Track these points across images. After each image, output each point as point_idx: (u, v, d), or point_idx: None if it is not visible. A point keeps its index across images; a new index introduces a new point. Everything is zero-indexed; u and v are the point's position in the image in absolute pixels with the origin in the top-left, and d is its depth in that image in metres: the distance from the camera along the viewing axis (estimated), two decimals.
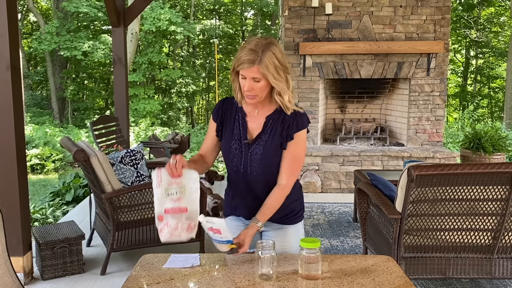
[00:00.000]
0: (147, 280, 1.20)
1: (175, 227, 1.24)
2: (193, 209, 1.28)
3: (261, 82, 1.30)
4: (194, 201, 1.28)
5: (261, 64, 1.27)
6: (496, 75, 14.54)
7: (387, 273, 1.23)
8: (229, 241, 1.30)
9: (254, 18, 16.55)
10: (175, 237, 1.25)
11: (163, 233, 1.25)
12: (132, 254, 2.80)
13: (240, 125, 1.42)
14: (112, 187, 2.51)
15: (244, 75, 1.30)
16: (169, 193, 1.26)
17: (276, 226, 1.47)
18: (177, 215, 1.25)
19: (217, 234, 1.29)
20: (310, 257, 1.18)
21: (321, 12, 4.69)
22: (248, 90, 1.31)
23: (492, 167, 1.94)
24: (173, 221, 1.25)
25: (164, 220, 1.25)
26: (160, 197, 1.26)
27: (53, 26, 12.21)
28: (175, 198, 1.26)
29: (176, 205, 1.26)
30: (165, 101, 14.64)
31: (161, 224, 1.25)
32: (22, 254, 2.43)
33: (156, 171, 1.27)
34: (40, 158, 7.19)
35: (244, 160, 1.40)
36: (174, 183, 1.26)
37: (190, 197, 1.27)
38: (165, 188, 1.26)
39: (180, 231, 1.25)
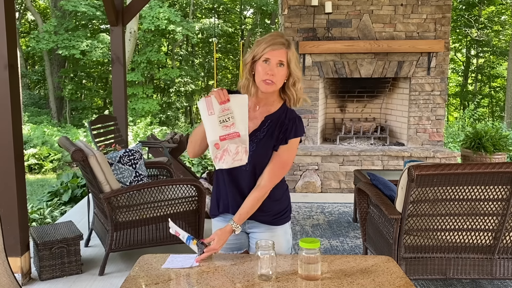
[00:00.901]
0: (145, 280, 1.19)
1: (235, 151, 1.27)
2: (245, 133, 1.30)
3: (283, 68, 1.35)
4: (245, 125, 1.30)
5: (290, 49, 1.35)
6: (497, 74, 14.53)
7: (387, 274, 1.22)
8: (189, 237, 1.36)
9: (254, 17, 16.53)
10: (237, 162, 1.28)
11: (224, 160, 1.27)
12: (131, 254, 2.79)
13: None
14: (110, 187, 2.50)
15: (270, 58, 1.34)
16: (223, 120, 1.28)
17: (264, 227, 1.46)
18: (235, 140, 1.28)
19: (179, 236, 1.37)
20: (309, 257, 1.18)
21: (321, 10, 4.67)
22: (270, 73, 1.34)
23: (493, 167, 1.93)
24: (232, 146, 1.27)
25: (222, 147, 1.27)
26: (214, 125, 1.28)
27: (51, 25, 12.17)
28: (229, 124, 1.28)
29: (232, 130, 1.28)
30: (164, 100, 14.63)
31: (219, 151, 1.27)
32: (20, 255, 2.42)
33: (205, 99, 1.28)
34: (38, 157, 7.17)
35: None
36: (225, 109, 1.28)
37: (242, 121, 1.29)
38: (218, 116, 1.28)
39: (241, 155, 1.28)
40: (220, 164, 1.27)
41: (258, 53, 1.35)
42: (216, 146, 1.27)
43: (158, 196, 2.65)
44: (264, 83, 1.35)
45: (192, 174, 4.52)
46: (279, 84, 1.37)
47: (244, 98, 1.31)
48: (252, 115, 1.41)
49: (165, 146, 4.35)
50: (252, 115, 1.41)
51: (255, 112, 1.42)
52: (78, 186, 4.47)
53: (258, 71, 1.36)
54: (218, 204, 1.49)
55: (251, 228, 1.48)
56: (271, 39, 1.35)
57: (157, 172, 3.26)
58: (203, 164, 6.54)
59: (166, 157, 4.24)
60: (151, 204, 2.60)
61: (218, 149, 1.27)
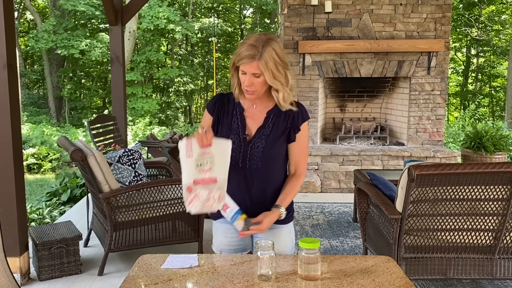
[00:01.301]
0: (145, 280, 1.19)
1: (207, 198, 1.23)
2: (223, 179, 1.27)
3: (260, 78, 1.32)
4: (224, 171, 1.27)
5: (261, 60, 1.28)
6: (497, 74, 14.52)
7: (387, 274, 1.22)
8: (238, 211, 1.31)
9: (253, 16, 16.52)
10: (206, 208, 1.24)
11: (193, 204, 1.23)
12: (130, 254, 2.78)
13: (238, 119, 1.41)
14: (109, 187, 2.49)
15: (244, 70, 1.32)
16: (200, 164, 1.24)
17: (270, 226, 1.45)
18: (208, 186, 1.24)
19: (228, 210, 1.30)
20: (309, 257, 1.17)
21: (321, 10, 4.66)
22: (248, 85, 1.32)
23: (493, 167, 1.93)
24: (204, 192, 1.24)
25: (194, 191, 1.24)
26: (190, 167, 1.24)
27: (50, 24, 12.15)
28: (206, 168, 1.25)
29: (208, 175, 1.24)
30: (163, 100, 14.61)
31: (191, 195, 1.24)
32: (19, 255, 2.41)
33: (186, 141, 1.25)
34: (37, 157, 7.15)
35: (243, 154, 1.39)
36: (205, 153, 1.24)
37: (221, 167, 1.26)
38: (196, 159, 1.24)
39: (212, 202, 1.25)
40: (189, 207, 1.24)
41: (236, 61, 1.34)
42: (188, 190, 1.24)
43: (157, 196, 2.64)
44: (246, 92, 1.36)
45: None
46: (261, 91, 1.36)
47: (228, 143, 1.28)
48: (252, 114, 1.41)
49: (164, 146, 4.34)
50: (252, 113, 1.41)
51: (254, 110, 1.42)
52: (77, 186, 4.46)
53: (240, 79, 1.36)
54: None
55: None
56: (242, 51, 1.30)
57: (157, 172, 3.25)
58: None
59: (165, 157, 4.23)
60: (150, 204, 2.59)
61: (190, 192, 1.24)
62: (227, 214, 1.34)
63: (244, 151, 1.39)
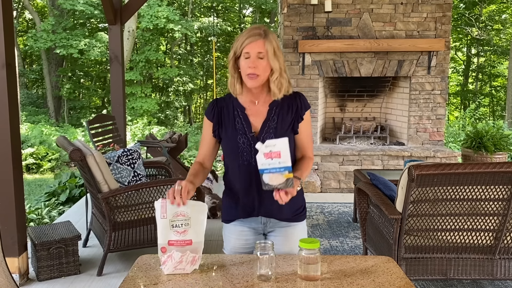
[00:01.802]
0: (144, 281, 1.18)
1: (179, 260, 1.22)
2: (198, 241, 1.25)
3: (264, 60, 1.34)
4: (200, 234, 1.25)
5: (266, 38, 1.34)
6: (498, 74, 14.51)
7: (387, 274, 1.21)
8: (288, 167, 1.23)
9: (253, 15, 16.50)
10: (179, 270, 1.23)
11: (166, 265, 1.23)
12: (129, 254, 2.77)
13: (242, 119, 1.41)
14: (108, 187, 2.48)
15: (249, 51, 1.34)
16: (174, 225, 1.24)
17: (284, 225, 1.45)
18: (182, 248, 1.23)
19: (275, 159, 1.23)
20: (309, 257, 1.17)
21: (321, 9, 4.65)
22: (252, 66, 1.33)
23: (493, 167, 1.92)
24: (177, 254, 1.22)
25: (168, 252, 1.23)
26: (164, 228, 1.24)
27: (49, 23, 12.12)
28: (180, 230, 1.24)
29: (181, 237, 1.23)
30: (163, 99, 14.59)
31: (164, 256, 1.23)
32: (18, 255, 2.40)
33: (161, 201, 1.24)
34: (36, 157, 7.14)
35: (254, 152, 1.37)
36: (180, 215, 1.24)
37: (196, 229, 1.25)
38: (170, 220, 1.23)
39: (184, 264, 1.23)
40: (164, 268, 1.23)
41: (237, 48, 1.36)
42: (162, 250, 1.23)
43: (156, 196, 2.64)
44: (248, 77, 1.36)
45: None
46: (263, 77, 1.36)
47: (204, 206, 1.27)
48: (254, 111, 1.41)
49: (163, 146, 4.33)
50: (254, 110, 1.41)
51: (256, 106, 1.42)
52: (76, 186, 4.45)
53: (242, 67, 1.37)
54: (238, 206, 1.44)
55: (271, 228, 1.46)
56: (247, 31, 1.36)
57: (156, 172, 3.25)
58: None
59: (164, 157, 4.22)
60: (149, 204, 2.58)
61: (164, 253, 1.23)
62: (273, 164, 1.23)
63: (255, 150, 1.36)
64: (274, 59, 1.36)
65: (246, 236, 1.45)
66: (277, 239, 1.44)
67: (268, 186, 1.26)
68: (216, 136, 1.45)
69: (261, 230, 1.47)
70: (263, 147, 1.25)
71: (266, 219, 1.44)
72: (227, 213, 1.49)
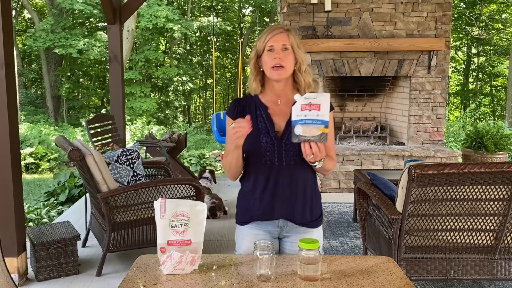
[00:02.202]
0: (143, 281, 1.17)
1: (178, 260, 1.21)
2: (198, 241, 1.25)
3: (289, 51, 1.35)
4: (199, 234, 1.25)
5: (290, 33, 1.37)
6: (498, 73, 14.50)
7: (387, 274, 1.21)
8: (325, 122, 1.19)
9: (252, 15, 16.49)
10: (178, 270, 1.22)
11: (165, 265, 1.22)
12: (128, 255, 2.77)
13: (265, 118, 1.39)
14: (108, 187, 2.47)
15: (273, 44, 1.35)
16: (174, 225, 1.23)
17: (301, 230, 1.42)
18: (181, 248, 1.23)
19: (313, 111, 1.18)
20: (309, 257, 1.16)
21: (320, 9, 4.65)
22: (278, 57, 1.34)
23: (494, 167, 1.91)
24: (176, 254, 1.21)
25: (167, 252, 1.23)
26: (164, 228, 1.23)
27: (48, 23, 12.10)
28: (179, 230, 1.23)
29: (181, 237, 1.23)
30: (162, 99, 14.58)
31: (164, 256, 1.23)
32: (17, 255, 2.40)
33: (160, 201, 1.24)
34: (35, 157, 7.12)
35: (278, 152, 1.36)
36: (179, 215, 1.23)
37: (196, 229, 1.24)
38: (169, 220, 1.23)
39: (184, 265, 1.22)
40: (163, 268, 1.22)
41: (260, 46, 1.36)
42: (161, 250, 1.23)
43: (156, 196, 2.63)
44: (273, 70, 1.35)
45: (191, 173, 4.50)
46: (289, 69, 1.36)
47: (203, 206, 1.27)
48: (277, 110, 1.39)
49: (163, 146, 4.32)
50: (277, 109, 1.39)
51: (279, 106, 1.40)
52: (75, 186, 4.44)
53: (265, 62, 1.36)
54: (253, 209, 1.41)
55: (287, 232, 1.43)
56: (270, 28, 1.38)
57: (155, 171, 3.24)
58: (201, 164, 6.51)
59: (164, 157, 4.21)
60: (149, 204, 2.58)
61: (163, 253, 1.22)
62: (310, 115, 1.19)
63: (278, 149, 1.36)
64: (299, 51, 1.36)
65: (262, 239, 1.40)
66: (294, 245, 1.42)
67: (300, 137, 1.21)
68: None
69: (276, 234, 1.44)
70: (302, 98, 1.22)
71: (284, 222, 1.41)
72: (242, 215, 1.46)
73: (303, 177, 1.39)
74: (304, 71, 1.38)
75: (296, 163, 1.36)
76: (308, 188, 1.41)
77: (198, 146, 9.51)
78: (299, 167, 1.37)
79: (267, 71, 1.36)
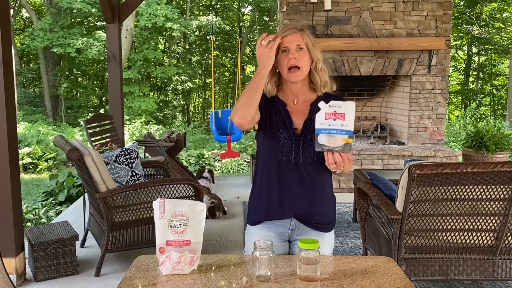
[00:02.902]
0: (142, 281, 1.17)
1: (177, 260, 1.20)
2: (197, 242, 1.24)
3: (304, 51, 1.34)
4: (198, 234, 1.24)
5: (304, 32, 1.35)
6: (499, 72, 14.45)
7: (387, 275, 1.20)
8: (349, 132, 1.18)
9: (252, 14, 16.46)
10: (177, 271, 1.22)
11: (164, 266, 1.21)
12: (127, 255, 2.76)
13: (283, 115, 1.38)
14: (106, 187, 2.46)
15: (287, 45, 1.33)
16: (173, 225, 1.23)
17: (313, 234, 1.40)
18: (180, 248, 1.22)
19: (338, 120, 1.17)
20: (308, 258, 1.15)
21: (320, 8, 4.63)
22: (293, 57, 1.32)
23: (494, 166, 1.90)
24: (175, 254, 1.21)
25: (166, 252, 1.22)
26: (162, 228, 1.23)
27: (46, 22, 12.05)
28: (178, 230, 1.23)
29: (180, 238, 1.22)
30: (161, 98, 14.55)
31: (163, 256, 1.22)
32: (15, 255, 2.39)
33: (159, 201, 1.23)
34: (33, 157, 7.10)
35: (295, 148, 1.36)
36: (178, 215, 1.23)
37: (195, 229, 1.24)
38: (168, 220, 1.22)
39: (183, 265, 1.21)
40: (162, 269, 1.21)
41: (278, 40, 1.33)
42: (160, 250, 1.22)
43: (155, 196, 2.62)
44: (289, 72, 1.33)
45: (189, 173, 4.48)
46: (305, 69, 1.35)
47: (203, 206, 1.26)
48: (295, 109, 1.38)
49: (162, 145, 4.30)
50: (295, 108, 1.38)
51: (295, 105, 1.39)
52: (74, 185, 4.43)
53: (281, 64, 1.34)
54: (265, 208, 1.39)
55: (298, 235, 1.41)
56: (283, 28, 1.37)
57: (154, 171, 3.23)
58: (200, 163, 6.50)
59: (163, 156, 4.20)
60: (147, 204, 2.57)
61: (162, 253, 1.22)
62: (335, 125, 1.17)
63: (296, 146, 1.35)
64: (314, 49, 1.35)
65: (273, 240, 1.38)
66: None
67: (324, 147, 1.21)
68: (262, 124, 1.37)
69: (287, 236, 1.42)
70: (326, 107, 1.20)
71: (296, 223, 1.40)
72: (253, 214, 1.44)
73: (320, 177, 1.37)
74: (320, 69, 1.36)
75: (313, 162, 1.34)
76: (325, 188, 1.39)
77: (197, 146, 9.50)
78: (316, 166, 1.35)
79: (284, 73, 1.35)
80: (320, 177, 1.37)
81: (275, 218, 1.40)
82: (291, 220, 1.39)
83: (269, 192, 1.39)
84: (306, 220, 1.39)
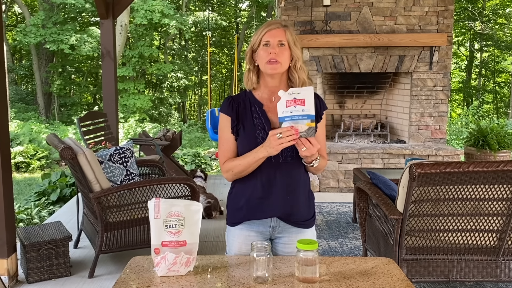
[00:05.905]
0: (137, 283, 1.15)
1: (173, 262, 1.19)
2: (193, 242, 1.23)
3: (285, 48, 1.35)
4: (194, 234, 1.23)
5: (287, 28, 1.37)
6: (502, 69, 14.36)
7: (387, 276, 1.19)
8: (311, 116, 1.22)
9: (249, 9, 16.38)
10: (172, 272, 1.20)
11: (160, 267, 1.20)
12: (122, 256, 2.74)
13: (260, 115, 1.38)
14: (100, 186, 2.44)
15: (269, 39, 1.34)
16: (168, 225, 1.21)
17: (294, 231, 1.41)
18: (176, 249, 1.21)
19: (299, 106, 1.21)
20: (307, 259, 1.14)
21: (319, 3, 4.58)
22: (272, 52, 1.33)
23: (497, 165, 1.89)
24: (171, 255, 1.19)
25: (161, 253, 1.20)
26: (158, 229, 1.21)
27: (39, 18, 11.92)
28: (174, 231, 1.21)
29: (175, 238, 1.21)
30: (156, 96, 14.49)
31: (158, 257, 1.20)
32: (6, 256, 2.36)
33: (154, 201, 1.21)
34: (25, 156, 7.01)
35: None
36: (174, 215, 1.21)
37: (191, 230, 1.22)
38: (164, 220, 1.21)
39: (178, 266, 1.19)
40: (157, 270, 1.20)
41: (256, 40, 1.36)
42: (155, 251, 1.21)
43: (150, 196, 2.60)
44: (268, 64, 1.34)
45: (185, 172, 4.44)
46: (284, 64, 1.35)
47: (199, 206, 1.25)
48: (272, 107, 1.37)
49: (157, 144, 4.26)
50: (272, 107, 1.38)
51: (273, 103, 1.38)
52: (67, 185, 4.38)
53: (260, 56, 1.35)
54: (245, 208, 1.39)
55: (279, 233, 1.42)
56: (267, 23, 1.38)
57: (149, 170, 3.22)
58: (196, 162, 6.45)
59: (158, 155, 4.15)
60: (142, 204, 2.55)
61: (157, 254, 1.20)
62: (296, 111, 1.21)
63: None
64: (295, 47, 1.36)
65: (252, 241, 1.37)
66: (287, 245, 1.41)
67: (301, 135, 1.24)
68: (235, 133, 1.39)
69: (268, 234, 1.42)
70: (286, 94, 1.23)
71: (277, 222, 1.40)
72: (233, 215, 1.43)
73: (300, 175, 1.39)
74: (299, 68, 1.38)
75: (292, 160, 1.36)
76: (306, 186, 1.42)
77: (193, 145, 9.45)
78: (296, 164, 1.37)
79: (262, 66, 1.35)
80: (299, 175, 1.39)
81: (255, 218, 1.40)
82: (271, 219, 1.40)
83: (250, 192, 1.38)
84: (286, 218, 1.40)
